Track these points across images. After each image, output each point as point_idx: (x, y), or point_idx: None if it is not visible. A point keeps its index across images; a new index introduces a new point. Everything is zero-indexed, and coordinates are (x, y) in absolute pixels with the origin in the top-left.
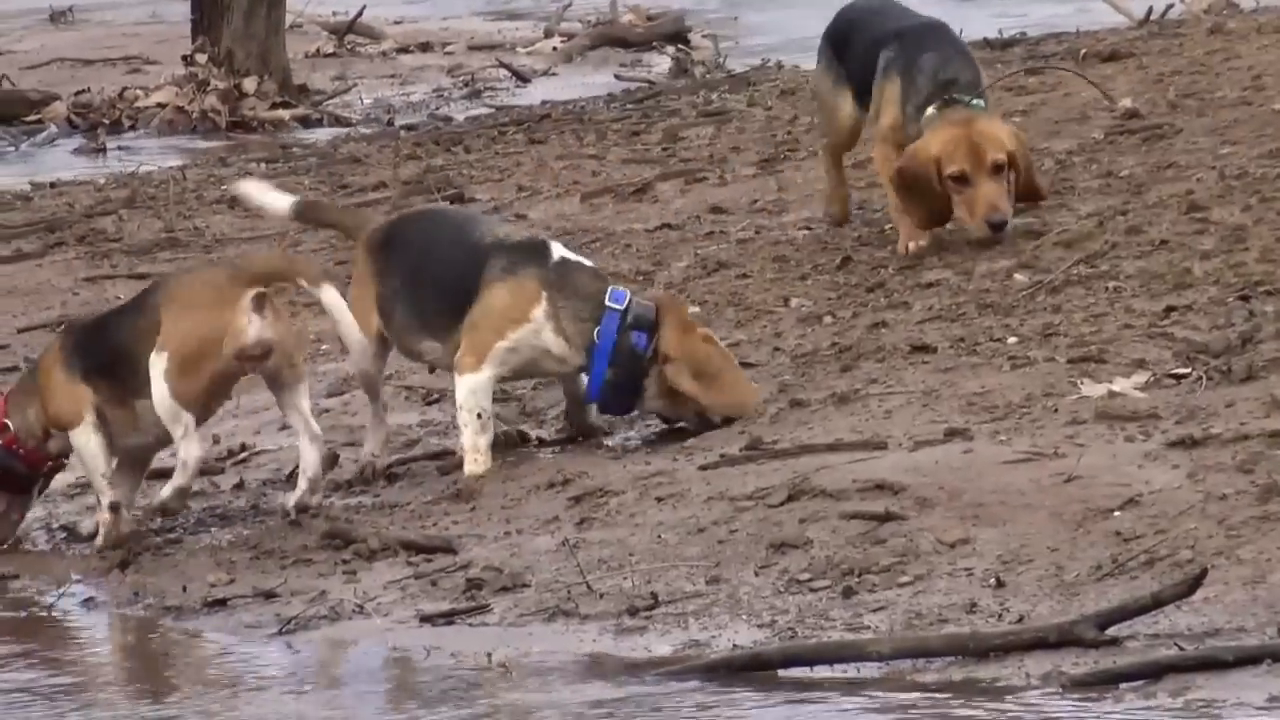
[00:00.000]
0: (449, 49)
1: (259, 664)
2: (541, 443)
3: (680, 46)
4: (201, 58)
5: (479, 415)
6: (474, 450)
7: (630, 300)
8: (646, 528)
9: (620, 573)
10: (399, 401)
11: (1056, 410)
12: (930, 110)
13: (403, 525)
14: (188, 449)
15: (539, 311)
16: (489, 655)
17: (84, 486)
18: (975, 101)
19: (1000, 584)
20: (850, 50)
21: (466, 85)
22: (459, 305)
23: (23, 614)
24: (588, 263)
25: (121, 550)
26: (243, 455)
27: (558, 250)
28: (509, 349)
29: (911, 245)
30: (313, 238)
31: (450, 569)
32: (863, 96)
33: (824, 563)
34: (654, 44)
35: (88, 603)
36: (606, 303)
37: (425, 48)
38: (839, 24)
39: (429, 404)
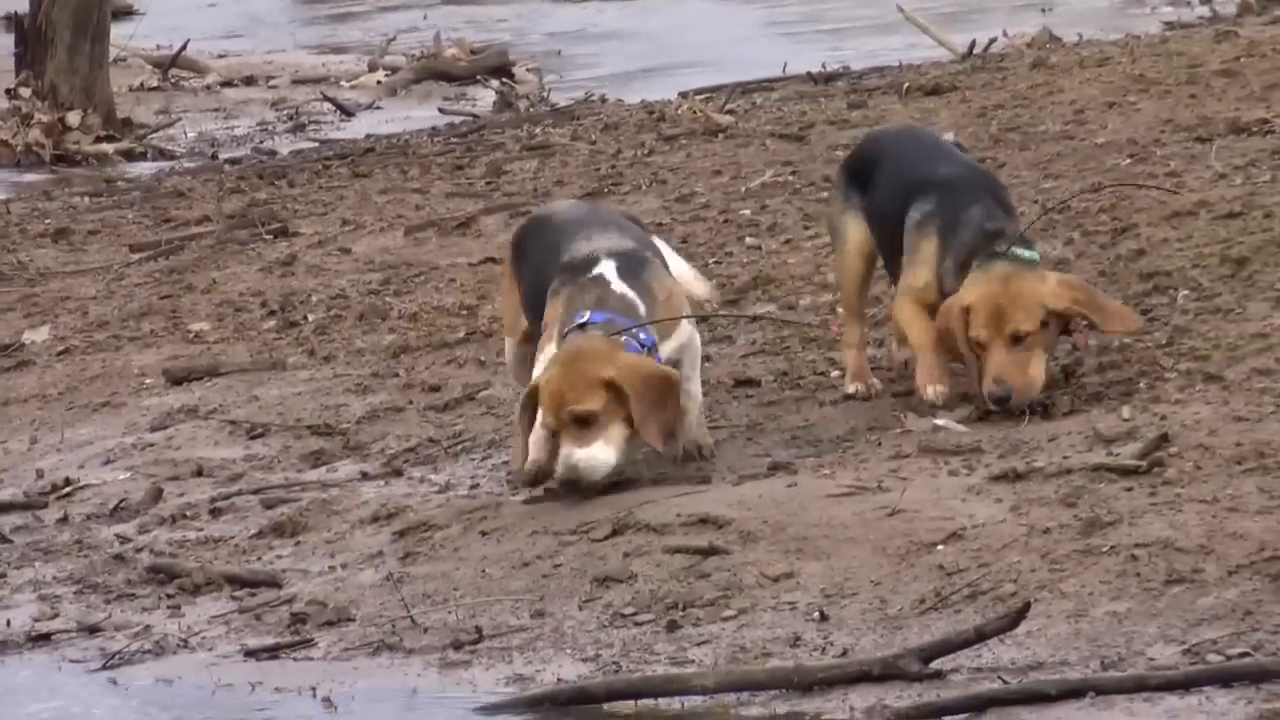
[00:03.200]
0: (273, 83)
1: (84, 701)
2: (365, 476)
3: (505, 80)
4: (25, 91)
5: None
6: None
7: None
8: (471, 561)
9: (445, 606)
10: (223, 435)
11: (880, 444)
12: (974, 266)
13: (227, 559)
14: None
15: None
16: (313, 689)
17: None
18: (1028, 254)
19: (824, 618)
20: (875, 187)
21: (291, 119)
22: None
23: None
24: (614, 284)
25: None
26: (66, 489)
27: (598, 268)
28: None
29: (931, 390)
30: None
31: (275, 603)
32: (881, 236)
33: (648, 596)
34: (478, 77)
35: None
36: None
37: (249, 81)
38: (864, 154)
39: (253, 438)
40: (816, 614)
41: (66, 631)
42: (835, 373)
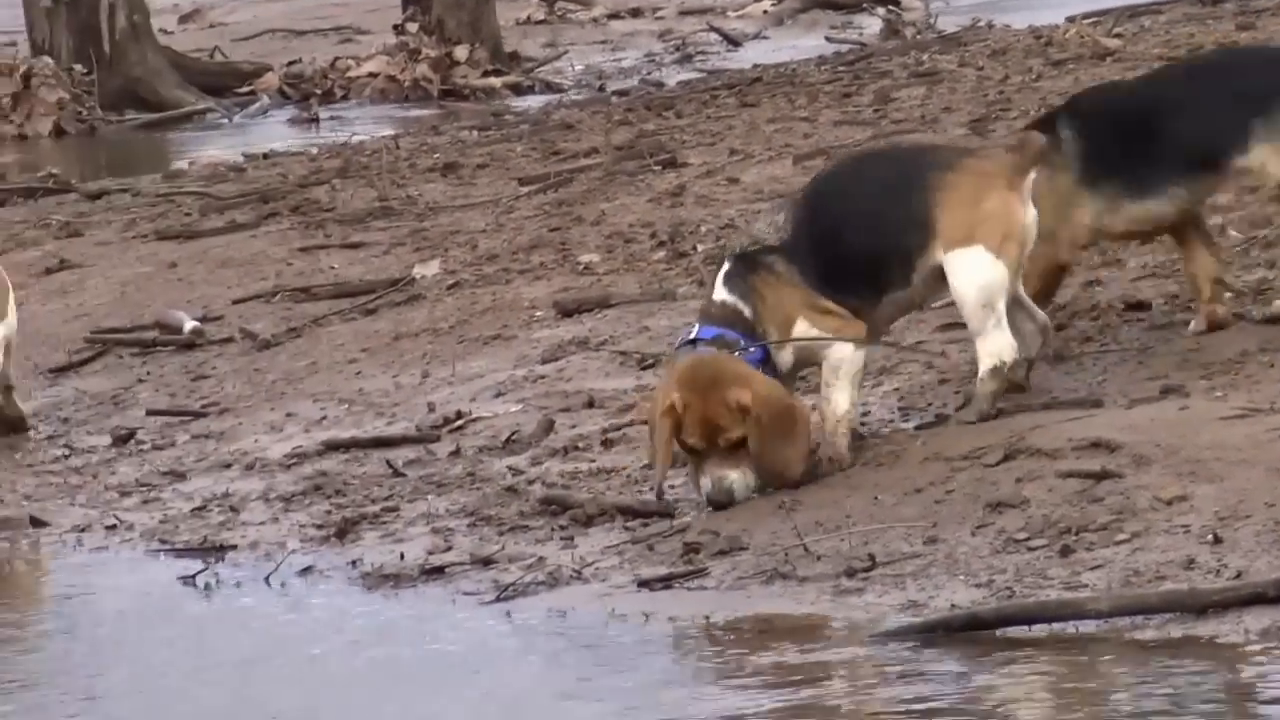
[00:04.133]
0: (659, 14)
1: (478, 632)
2: None
3: (891, 8)
4: (412, 27)
5: None
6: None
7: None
8: (863, 489)
9: (837, 534)
10: (614, 366)
11: (1272, 365)
12: None
13: (619, 491)
14: None
15: None
16: (707, 618)
17: (300, 457)
18: None
19: (1218, 540)
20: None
21: (677, 50)
22: None
23: (237, 584)
24: (720, 292)
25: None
26: (458, 422)
27: (722, 270)
28: None
29: None
30: None
31: (667, 533)
32: None
33: (1041, 521)
34: (864, 6)
35: (305, 572)
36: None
37: (636, 13)
38: None
39: (644, 369)
40: (1210, 537)
41: (460, 564)
42: (1227, 295)
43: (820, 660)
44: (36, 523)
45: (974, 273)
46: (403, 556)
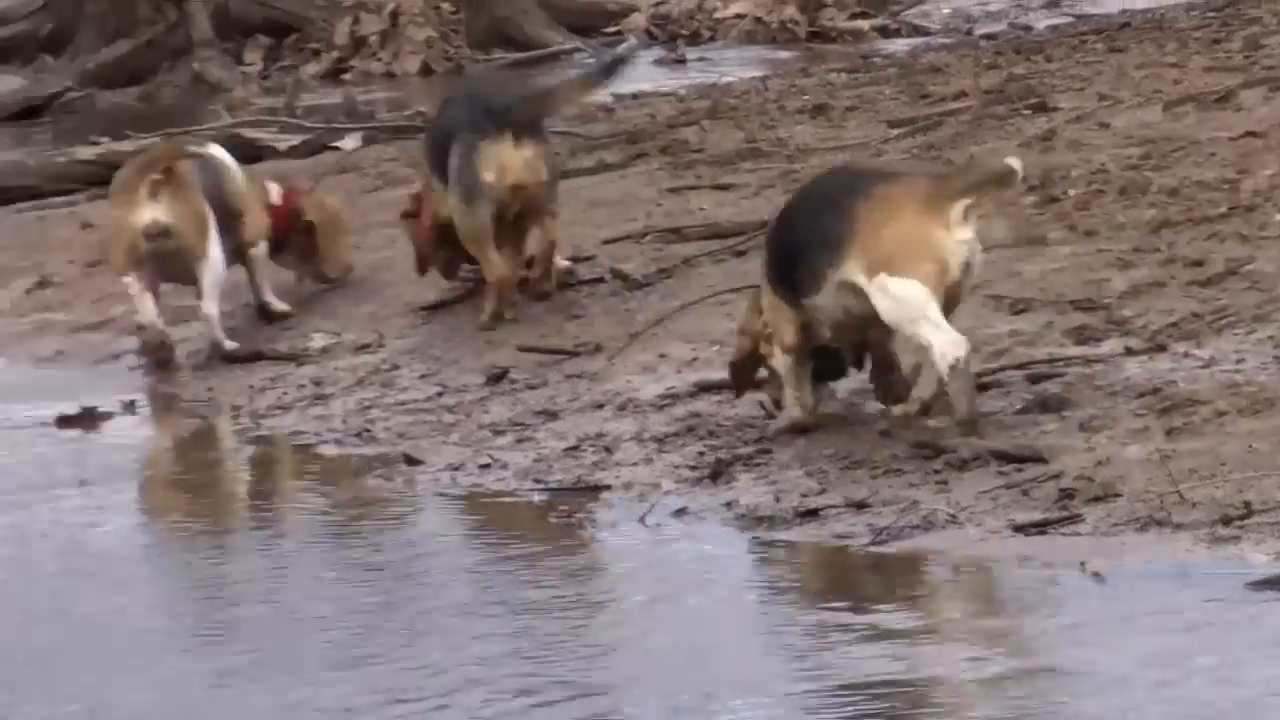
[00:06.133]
0: None
1: (851, 572)
2: (1129, 351)
3: None
4: None
5: None
6: None
7: None
8: (1237, 437)
9: (1212, 482)
10: (986, 311)
11: None
12: None
13: (993, 435)
14: None
15: None
16: (1082, 565)
17: (672, 398)
18: None
19: None
20: None
21: None
22: None
23: (612, 525)
24: None
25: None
26: None
27: None
28: None
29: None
30: None
31: (1041, 479)
32: None
33: None
34: None
35: (679, 514)
36: None
37: None
38: None
39: (1016, 313)
40: None
41: (834, 507)
42: None
43: (1196, 607)
44: (410, 460)
45: (887, 296)
46: (777, 499)
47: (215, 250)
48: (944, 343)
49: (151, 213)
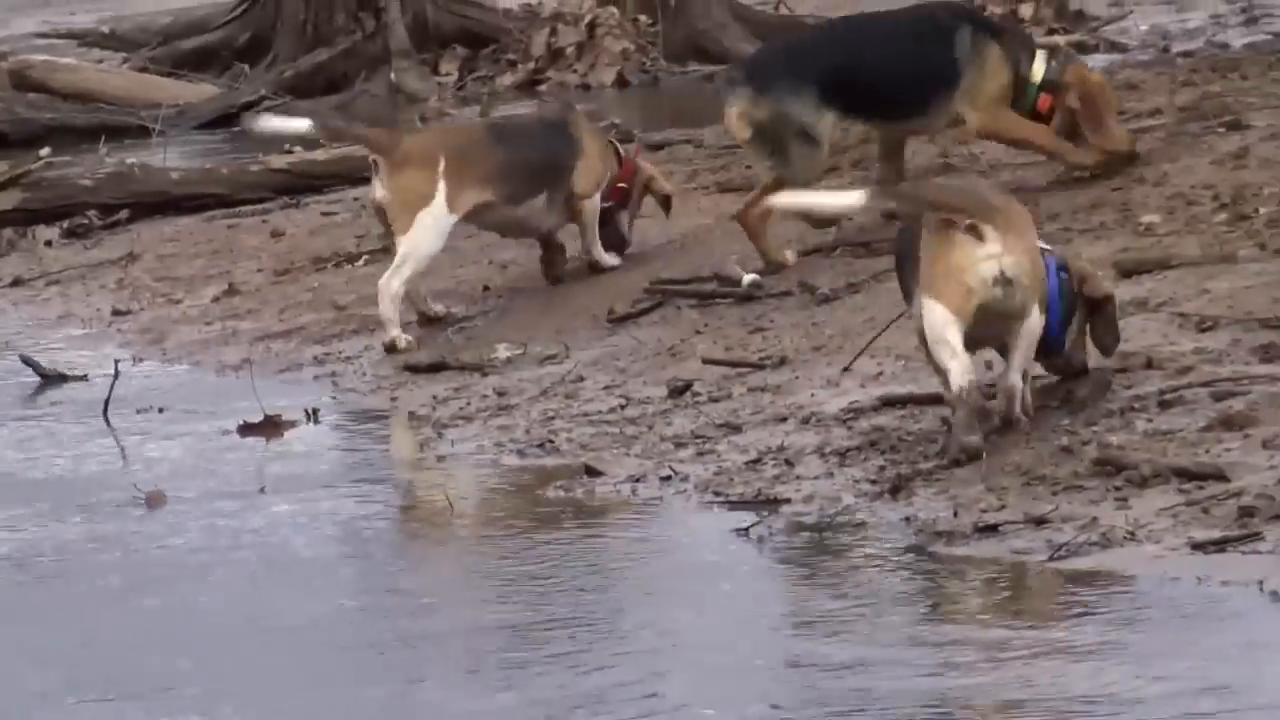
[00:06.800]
0: None
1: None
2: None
3: None
4: None
5: None
6: None
7: None
8: None
9: None
10: (1172, 328)
11: None
12: None
13: (1175, 452)
14: None
15: None
16: (1260, 583)
17: (856, 412)
18: None
19: None
20: None
21: (1244, 12)
22: None
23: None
24: None
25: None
26: None
27: None
28: None
29: None
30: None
31: (1222, 496)
32: None
33: None
34: None
35: (858, 527)
36: None
37: None
38: None
39: (1202, 331)
40: None
41: (1013, 523)
42: None
43: None
44: (591, 471)
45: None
46: (956, 513)
47: None
48: (952, 373)
49: None
